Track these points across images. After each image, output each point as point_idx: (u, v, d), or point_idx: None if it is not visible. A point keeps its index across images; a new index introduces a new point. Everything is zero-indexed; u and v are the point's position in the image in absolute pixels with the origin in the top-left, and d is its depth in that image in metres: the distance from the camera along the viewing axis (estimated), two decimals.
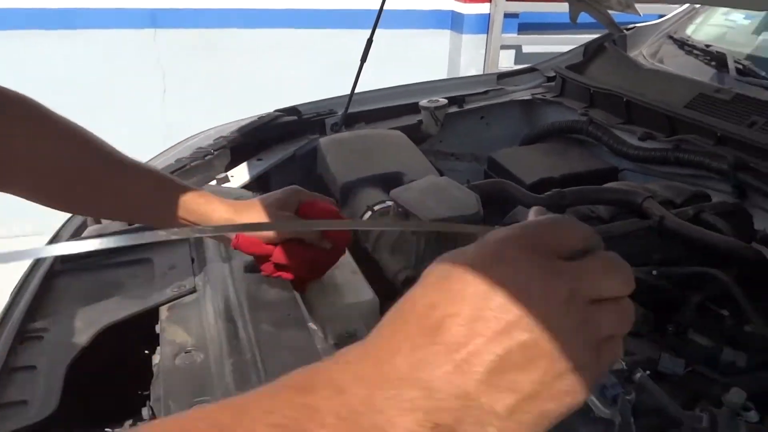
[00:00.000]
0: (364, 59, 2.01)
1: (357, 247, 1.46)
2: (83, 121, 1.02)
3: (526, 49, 5.25)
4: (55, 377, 1.01)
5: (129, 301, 1.19)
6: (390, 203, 1.50)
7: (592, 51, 2.19)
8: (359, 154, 1.81)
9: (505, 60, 5.15)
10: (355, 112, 2.13)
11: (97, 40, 4.35)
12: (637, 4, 1.43)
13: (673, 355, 1.27)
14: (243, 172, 1.83)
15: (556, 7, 4.73)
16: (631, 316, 0.46)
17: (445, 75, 4.92)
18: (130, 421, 1.09)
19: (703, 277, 1.40)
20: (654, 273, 1.38)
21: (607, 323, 0.44)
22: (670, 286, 1.43)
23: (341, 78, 2.20)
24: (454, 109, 2.23)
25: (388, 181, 1.64)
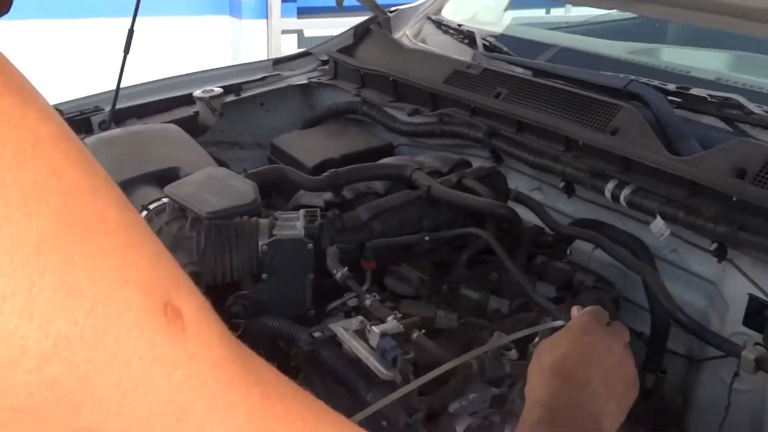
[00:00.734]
0: (127, 50, 1.91)
1: None
2: None
3: (308, 33, 5.32)
4: None
5: None
6: (166, 200, 1.45)
7: (360, 34, 2.29)
8: (132, 152, 1.72)
9: (289, 45, 5.18)
10: (125, 108, 2.02)
11: None
12: None
13: (449, 311, 1.39)
14: None
15: None
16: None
17: (230, 62, 4.82)
18: None
19: (468, 237, 1.54)
20: (427, 239, 1.50)
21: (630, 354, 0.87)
22: (442, 249, 1.57)
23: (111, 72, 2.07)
24: (232, 97, 2.20)
25: (164, 177, 1.59)
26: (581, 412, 0.74)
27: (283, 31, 5.09)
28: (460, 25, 2.26)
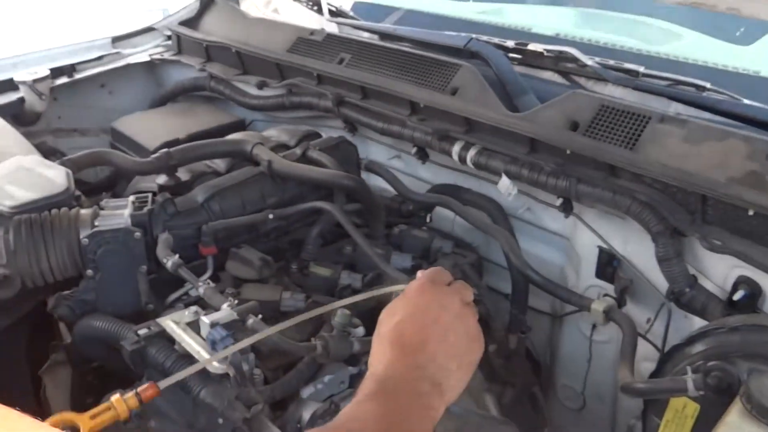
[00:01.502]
0: None
1: None
2: None
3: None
4: None
5: None
6: None
7: (203, 5, 2.13)
8: None
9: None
10: None
11: None
12: None
13: (297, 292, 1.31)
14: None
15: None
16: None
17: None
18: None
19: (314, 211, 1.46)
20: (271, 216, 1.40)
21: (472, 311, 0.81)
22: (288, 227, 1.48)
23: None
24: (64, 79, 2.00)
25: None
26: (419, 375, 0.71)
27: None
28: None
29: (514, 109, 1.41)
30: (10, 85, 1.91)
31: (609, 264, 1.43)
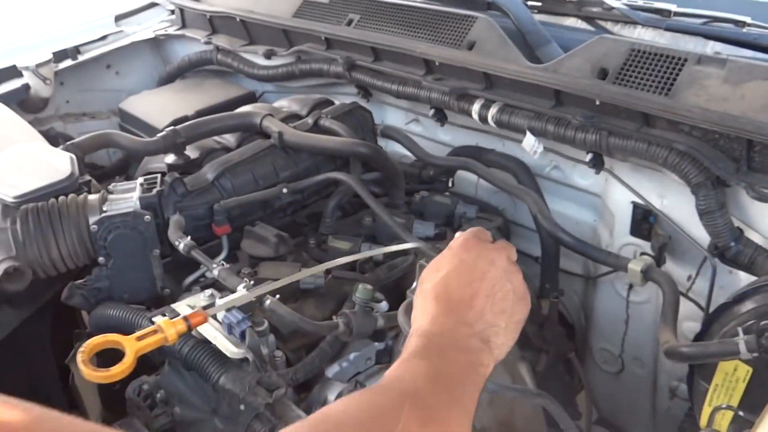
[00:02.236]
0: None
1: None
2: None
3: None
4: None
5: None
6: None
7: None
8: None
9: None
10: None
11: None
12: None
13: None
14: None
15: None
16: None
17: None
18: None
19: (331, 183, 1.40)
20: (285, 191, 1.34)
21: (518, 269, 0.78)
22: (304, 200, 1.42)
23: None
24: (68, 62, 1.95)
25: None
26: (468, 332, 0.69)
27: None
28: None
29: (536, 60, 1.32)
30: (14, 72, 1.86)
31: (645, 220, 1.35)
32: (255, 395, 0.98)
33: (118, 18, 2.14)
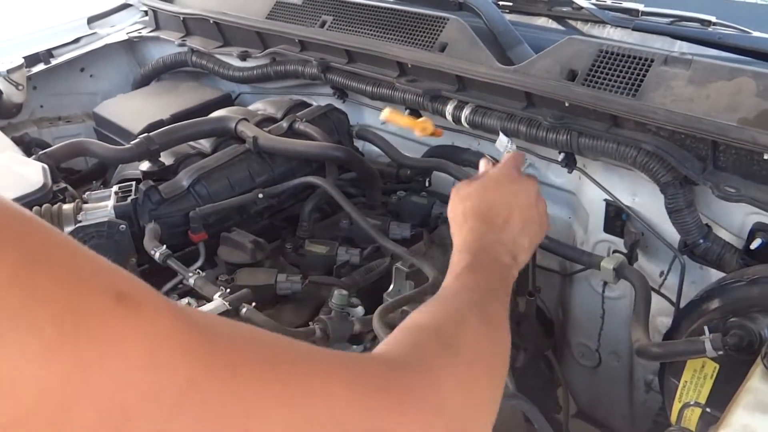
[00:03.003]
0: None
1: None
2: None
3: None
4: None
5: None
6: None
7: None
8: None
9: None
10: None
11: None
12: None
13: (293, 273, 1.26)
14: None
15: None
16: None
17: None
18: None
19: (308, 186, 1.40)
20: (260, 196, 1.35)
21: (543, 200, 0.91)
22: (280, 204, 1.42)
23: None
24: (41, 67, 1.93)
25: None
26: (503, 250, 0.81)
27: None
28: None
29: (507, 61, 1.32)
30: None
31: (617, 218, 1.37)
32: None
33: (91, 20, 2.12)
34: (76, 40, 2.03)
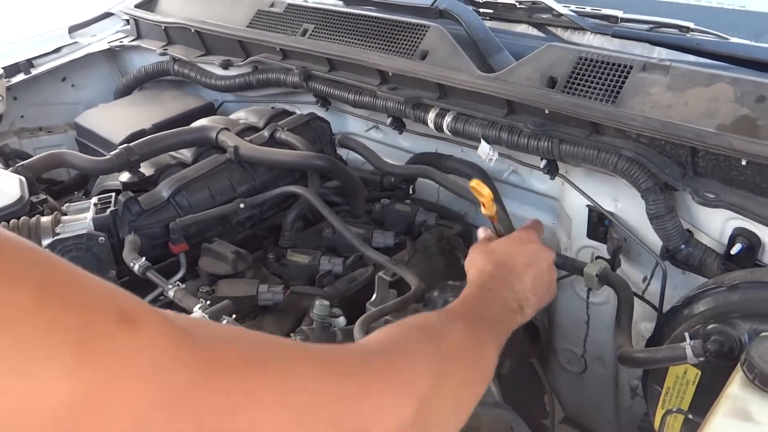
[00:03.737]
0: None
1: None
2: None
3: None
4: None
5: None
6: None
7: None
8: None
9: None
10: None
11: None
12: None
13: (274, 284, 1.25)
14: None
15: None
16: None
17: None
18: None
19: (290, 195, 1.39)
20: (242, 206, 1.34)
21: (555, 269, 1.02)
22: (262, 214, 1.41)
23: None
24: (21, 77, 1.91)
25: None
26: (512, 296, 0.92)
27: None
28: None
29: (488, 69, 1.32)
30: None
31: (600, 223, 1.37)
32: None
33: (72, 29, 2.10)
34: (57, 50, 2.01)
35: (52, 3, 2.38)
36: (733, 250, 1.09)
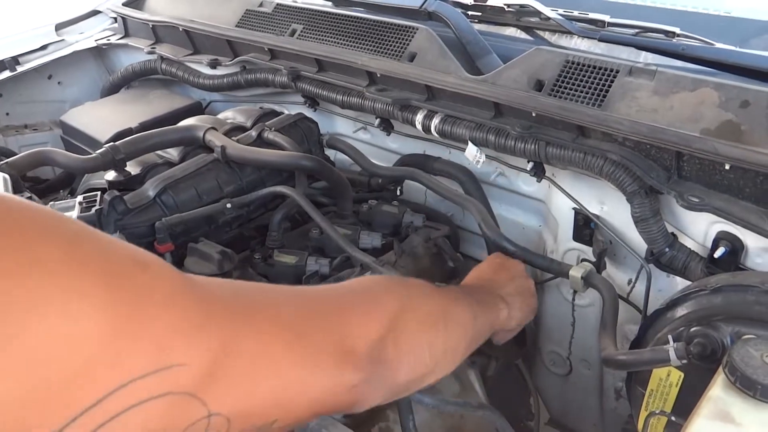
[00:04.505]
0: None
1: None
2: None
3: None
4: None
5: None
6: None
7: None
8: None
9: None
10: None
11: None
12: None
13: (263, 283, 1.25)
14: None
15: None
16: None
17: None
18: None
19: (277, 196, 1.39)
20: (228, 206, 1.33)
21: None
22: (250, 214, 1.41)
23: None
24: (7, 74, 1.90)
25: None
26: (497, 295, 1.07)
27: None
28: None
29: (476, 71, 1.33)
30: None
31: (586, 226, 1.38)
32: None
33: (59, 27, 2.09)
34: (44, 47, 2.00)
35: (39, 0, 2.36)
36: (717, 254, 1.10)
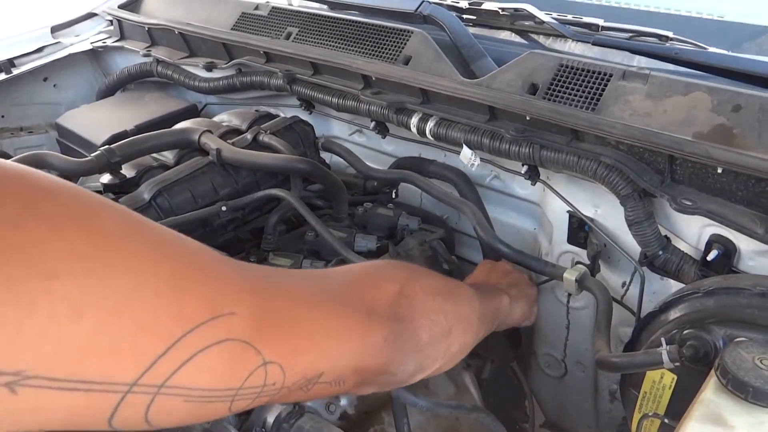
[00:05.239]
0: None
1: None
2: None
3: None
4: None
5: None
6: None
7: None
8: None
9: None
10: None
11: None
12: None
13: None
14: None
15: None
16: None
17: None
18: None
19: (273, 198, 1.39)
20: (223, 209, 1.33)
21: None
22: (245, 217, 1.41)
23: None
24: (2, 76, 1.90)
25: None
26: (502, 293, 1.17)
27: None
28: None
29: (471, 75, 1.33)
30: None
31: (581, 229, 1.38)
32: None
33: (55, 29, 2.09)
34: (40, 50, 2.00)
35: (35, 2, 2.36)
36: (710, 257, 1.11)
